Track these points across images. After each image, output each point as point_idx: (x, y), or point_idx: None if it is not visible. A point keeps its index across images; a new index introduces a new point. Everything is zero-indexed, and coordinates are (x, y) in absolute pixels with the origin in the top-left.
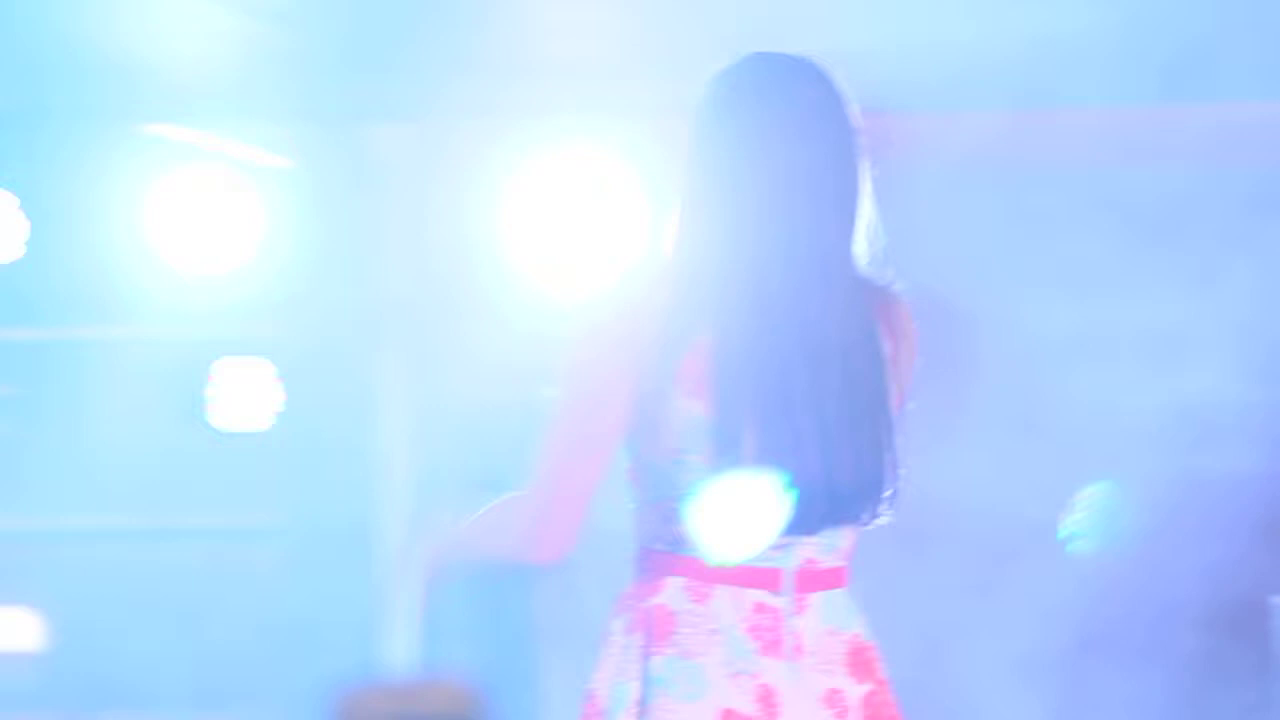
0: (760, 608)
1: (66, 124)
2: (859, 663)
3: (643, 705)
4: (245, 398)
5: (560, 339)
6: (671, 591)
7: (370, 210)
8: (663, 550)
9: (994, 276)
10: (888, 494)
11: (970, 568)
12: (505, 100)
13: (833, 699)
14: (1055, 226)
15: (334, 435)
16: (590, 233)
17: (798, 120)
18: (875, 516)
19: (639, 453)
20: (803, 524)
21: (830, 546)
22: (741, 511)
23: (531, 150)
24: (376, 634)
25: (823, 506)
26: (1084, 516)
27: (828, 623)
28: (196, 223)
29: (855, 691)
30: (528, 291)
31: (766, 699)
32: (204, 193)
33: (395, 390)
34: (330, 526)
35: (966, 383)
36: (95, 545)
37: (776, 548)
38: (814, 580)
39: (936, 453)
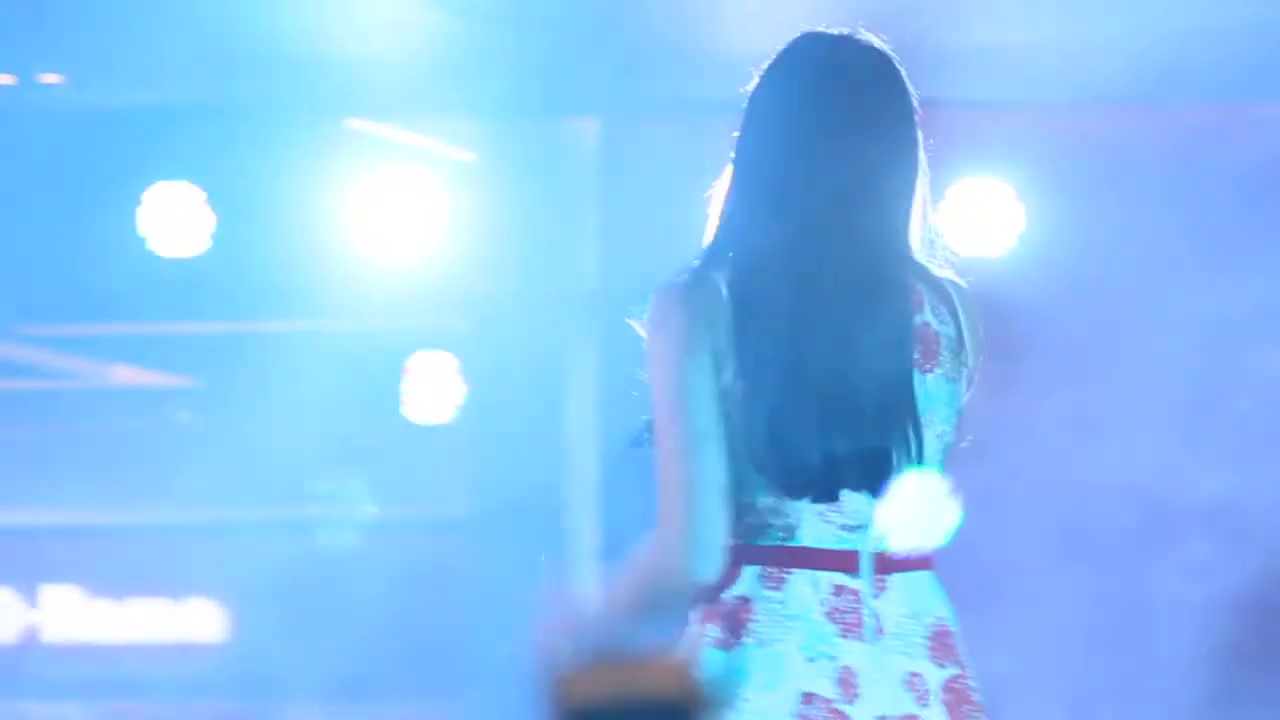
0: (839, 590)
1: (252, 118)
2: (941, 646)
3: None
4: (435, 391)
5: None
6: (747, 580)
7: (558, 203)
8: (739, 541)
9: (1176, 259)
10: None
11: (1139, 550)
12: (688, 94)
13: (914, 682)
14: (1235, 210)
15: (523, 426)
16: None
17: (852, 101)
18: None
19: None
20: (854, 494)
21: None
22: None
23: (714, 143)
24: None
25: (875, 475)
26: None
27: (909, 605)
28: (387, 216)
29: (937, 676)
30: None
31: (846, 681)
32: (394, 187)
33: (584, 381)
34: (520, 517)
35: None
36: (278, 537)
37: (853, 528)
38: (893, 562)
39: (1102, 439)
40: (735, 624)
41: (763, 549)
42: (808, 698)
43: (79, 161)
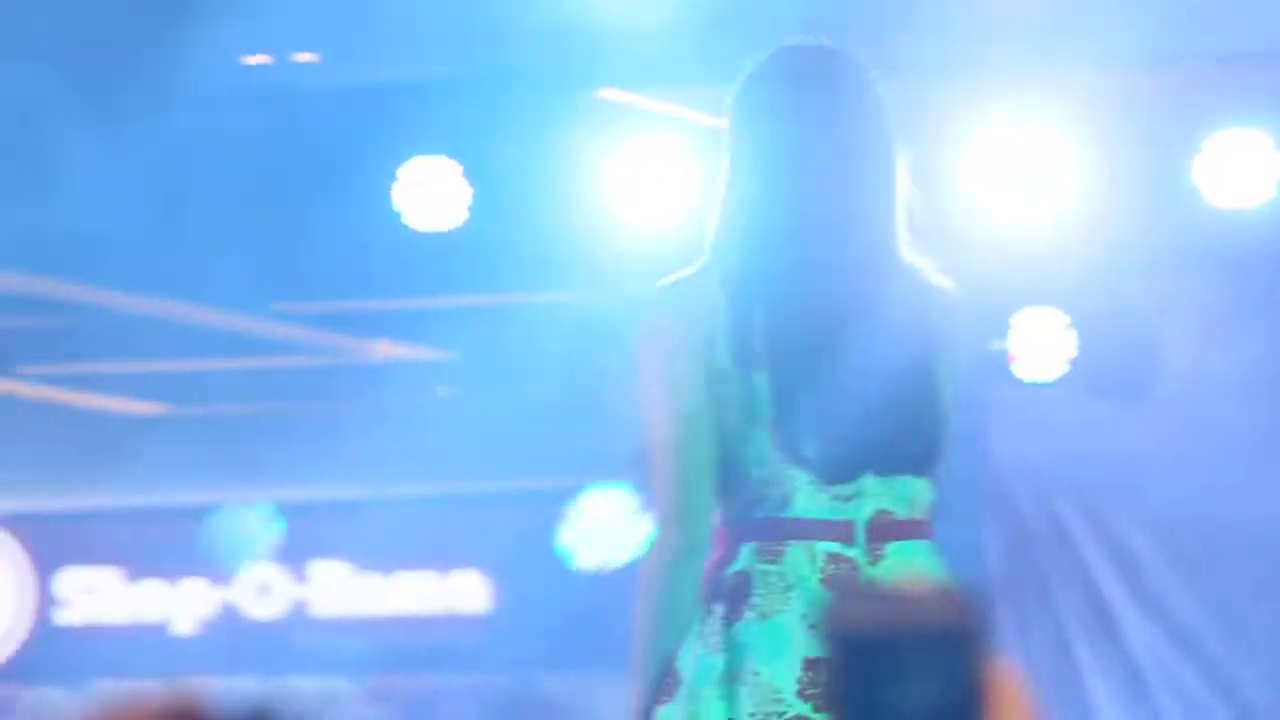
0: (835, 558)
1: (506, 90)
2: None
3: (730, 673)
4: None
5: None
6: (746, 556)
7: None
8: (736, 519)
9: None
10: (931, 448)
11: None
12: (939, 55)
13: None
14: None
15: None
16: (1033, 187)
17: (830, 106)
18: (922, 467)
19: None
20: (847, 471)
21: (904, 499)
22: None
23: (981, 107)
24: None
25: (867, 454)
26: None
27: (907, 571)
28: (642, 186)
29: None
30: (978, 244)
31: None
32: (649, 156)
33: None
34: None
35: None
36: (542, 507)
37: (847, 498)
38: (889, 530)
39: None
40: (737, 599)
41: (758, 523)
42: (813, 663)
43: (335, 139)
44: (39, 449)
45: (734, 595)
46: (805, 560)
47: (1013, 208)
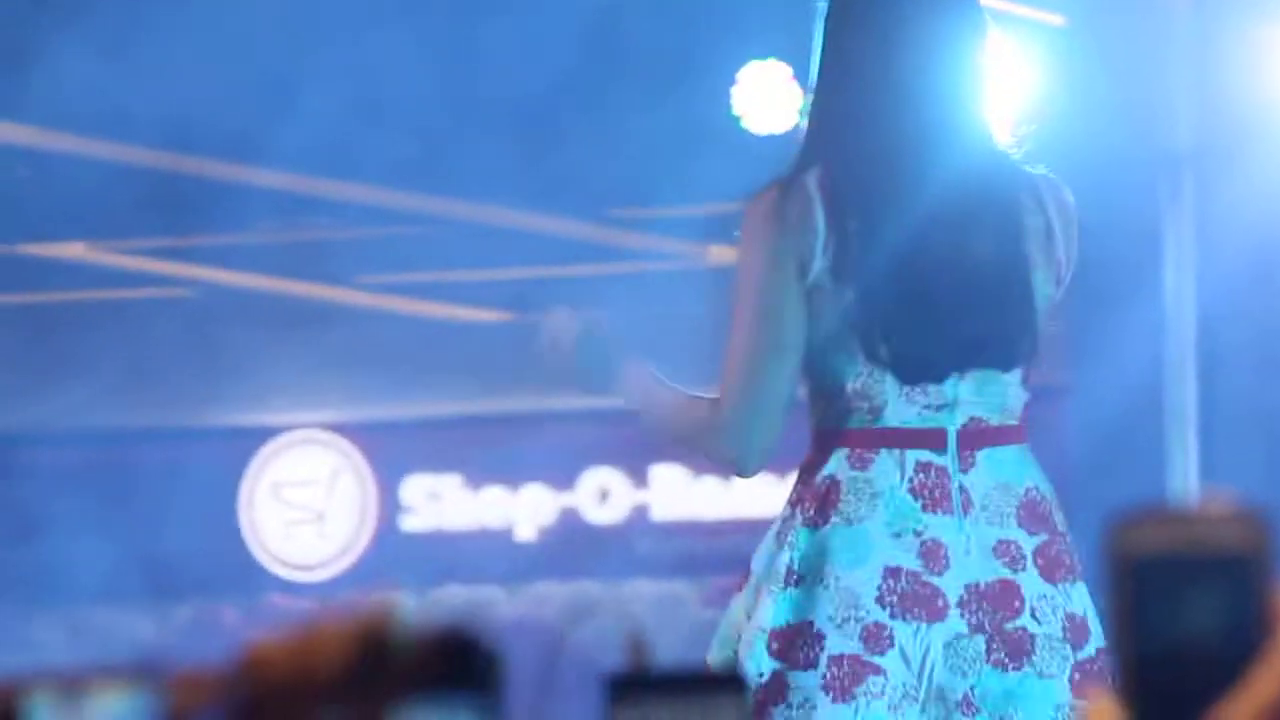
0: (923, 467)
1: None
2: (1033, 515)
3: (812, 574)
4: None
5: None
6: (836, 462)
7: (1150, 63)
8: (829, 426)
9: None
10: (1027, 347)
11: None
12: None
13: (1003, 549)
14: None
15: (1121, 292)
16: None
17: (928, 5)
18: (1016, 364)
19: (806, 342)
20: (938, 369)
21: (997, 405)
22: None
23: None
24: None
25: (960, 352)
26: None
27: (998, 478)
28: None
29: (1029, 542)
30: None
31: (932, 553)
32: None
33: (1181, 245)
34: (1119, 381)
35: None
36: None
37: (938, 407)
38: (981, 438)
39: None
40: (824, 504)
41: (850, 431)
42: (893, 571)
43: (670, 44)
44: (381, 358)
45: (822, 500)
46: (894, 467)
47: None
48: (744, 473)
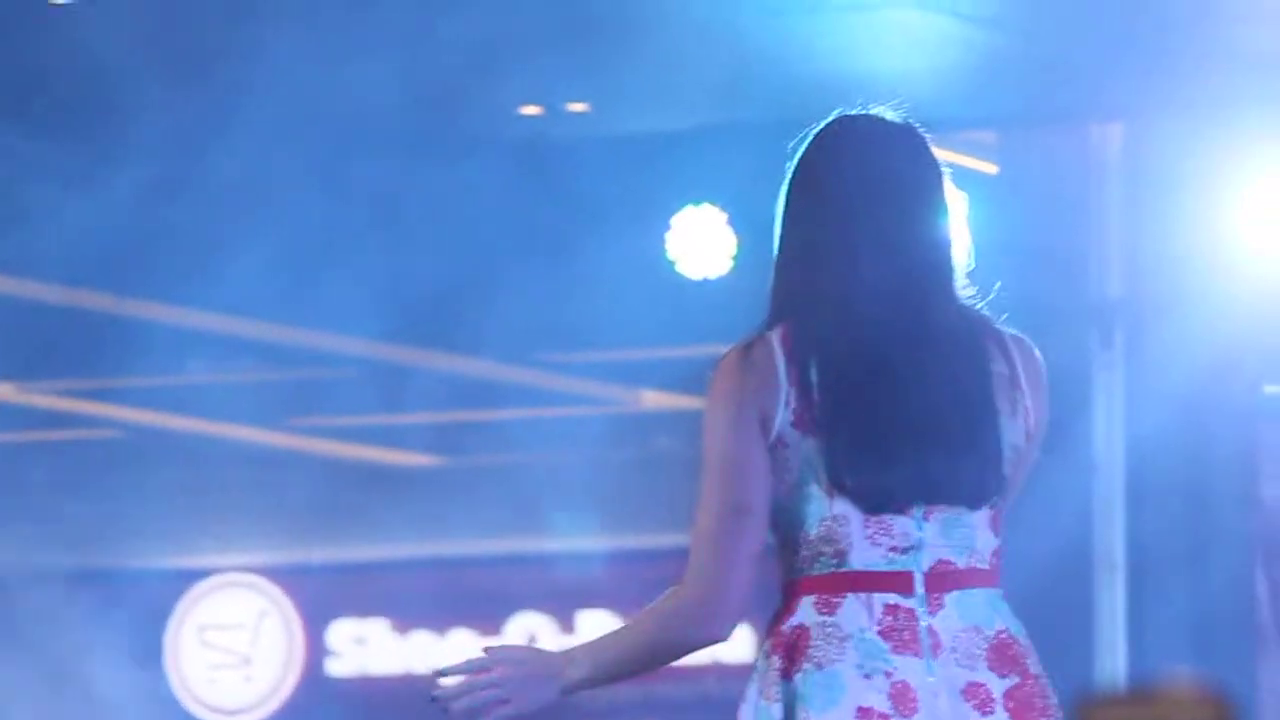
0: (891, 609)
1: (768, 138)
2: (1003, 658)
3: None
4: None
5: None
6: (804, 610)
7: (1080, 211)
8: (796, 576)
9: None
10: (993, 486)
11: None
12: (1214, 93)
13: (973, 691)
14: None
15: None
16: None
17: (892, 166)
18: (981, 503)
19: (772, 495)
20: (900, 499)
21: (964, 547)
22: None
23: (1242, 143)
24: (1092, 643)
25: (923, 484)
26: None
27: (968, 620)
28: None
29: (999, 685)
30: (1250, 286)
31: (901, 695)
32: None
33: (1110, 392)
34: (1049, 530)
35: None
36: None
37: (904, 550)
38: (949, 580)
39: None
40: (795, 651)
41: (817, 578)
42: (865, 712)
43: (607, 188)
44: (307, 501)
45: (792, 647)
46: (862, 610)
47: None
48: (723, 637)
